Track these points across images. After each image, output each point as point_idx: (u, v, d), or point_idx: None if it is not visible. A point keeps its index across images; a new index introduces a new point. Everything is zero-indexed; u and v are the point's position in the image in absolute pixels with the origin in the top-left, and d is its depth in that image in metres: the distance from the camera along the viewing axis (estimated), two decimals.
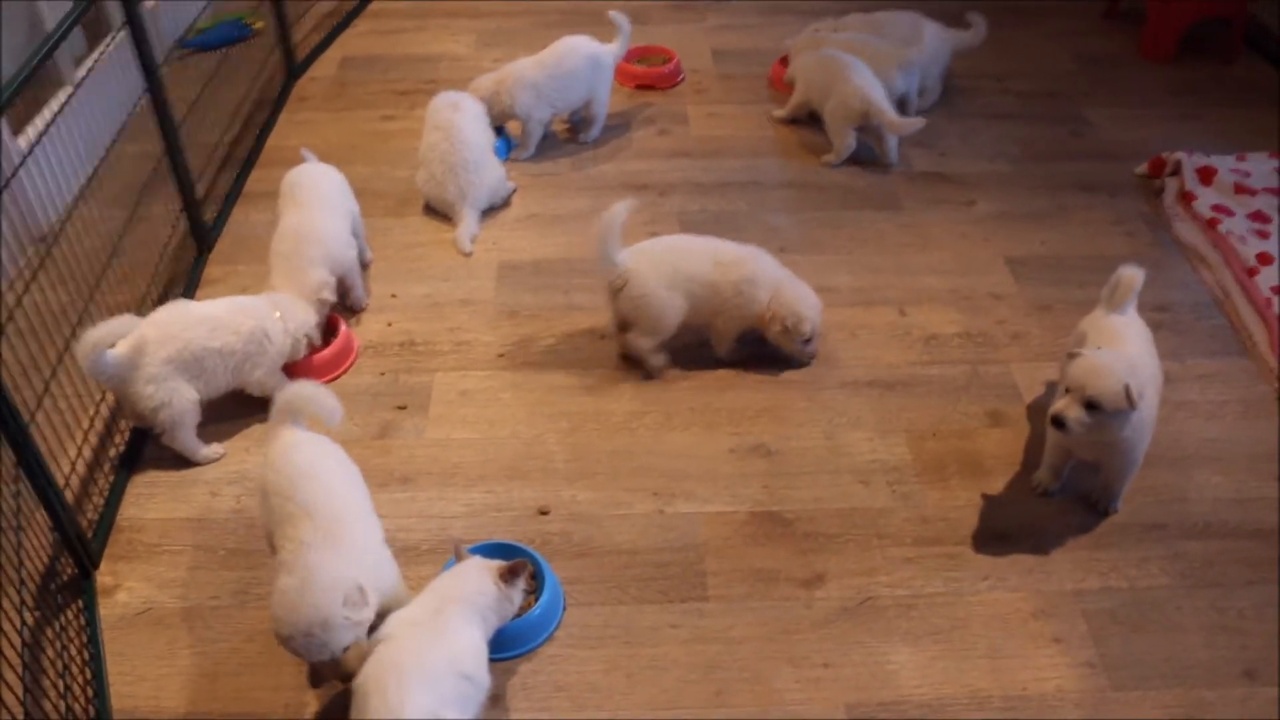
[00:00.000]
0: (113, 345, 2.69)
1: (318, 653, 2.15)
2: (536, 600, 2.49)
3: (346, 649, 2.17)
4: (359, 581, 2.19)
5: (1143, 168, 4.13)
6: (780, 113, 4.46)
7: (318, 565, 2.20)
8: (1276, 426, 3.04)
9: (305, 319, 3.06)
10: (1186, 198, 3.89)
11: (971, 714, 2.34)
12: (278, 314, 3.00)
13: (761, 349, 3.23)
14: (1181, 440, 2.99)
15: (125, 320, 2.69)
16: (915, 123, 4.08)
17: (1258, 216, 3.77)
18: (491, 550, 2.55)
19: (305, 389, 2.51)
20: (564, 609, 2.55)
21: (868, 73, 4.13)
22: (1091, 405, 2.47)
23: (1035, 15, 5.39)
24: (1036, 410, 3.06)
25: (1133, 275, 2.80)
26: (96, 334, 2.64)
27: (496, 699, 2.35)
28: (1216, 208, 3.81)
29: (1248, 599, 2.58)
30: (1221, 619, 2.54)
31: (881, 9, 4.69)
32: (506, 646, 2.44)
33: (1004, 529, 2.74)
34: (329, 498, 2.35)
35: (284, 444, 2.45)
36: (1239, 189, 3.89)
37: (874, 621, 2.52)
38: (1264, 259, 3.53)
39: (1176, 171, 4.00)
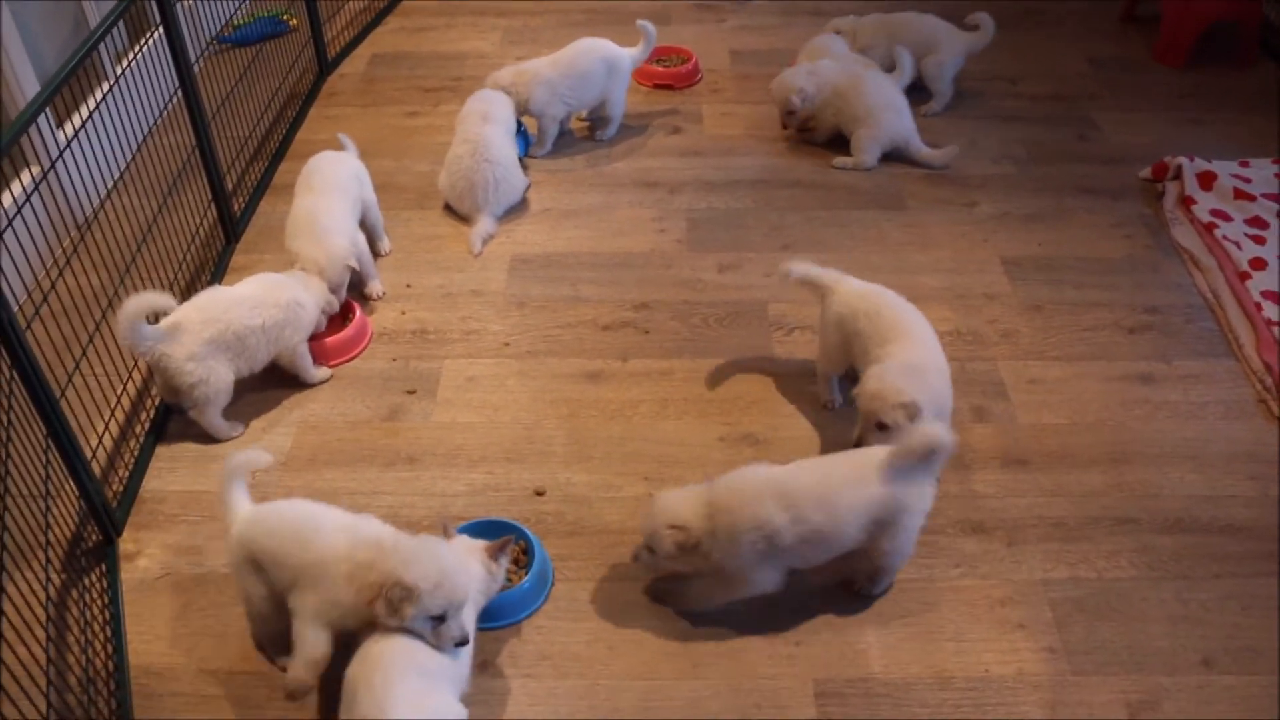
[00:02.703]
0: (148, 317, 2.85)
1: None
2: (527, 574, 2.63)
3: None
4: None
5: (1146, 172, 4.20)
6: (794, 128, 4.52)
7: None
8: (1255, 427, 3.11)
9: (321, 292, 3.25)
10: (1186, 202, 3.96)
11: (934, 693, 2.45)
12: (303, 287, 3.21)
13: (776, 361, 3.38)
14: (1160, 439, 3.08)
15: (160, 296, 2.85)
16: (948, 154, 4.20)
17: (1255, 222, 3.84)
18: (484, 527, 2.69)
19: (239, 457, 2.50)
20: (552, 584, 2.69)
21: (903, 103, 4.25)
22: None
23: (1052, 18, 5.45)
24: (1020, 406, 3.18)
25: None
26: (133, 305, 2.80)
27: (484, 665, 2.50)
28: (1215, 212, 3.88)
29: (1212, 592, 2.67)
30: (1184, 610, 2.63)
31: (899, 10, 4.77)
32: (497, 617, 2.58)
33: (980, 520, 2.84)
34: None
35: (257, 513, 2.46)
36: (1239, 194, 3.95)
37: (847, 604, 2.64)
38: (1257, 264, 3.60)
39: (1178, 176, 4.07)
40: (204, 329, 2.97)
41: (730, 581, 2.50)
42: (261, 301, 3.08)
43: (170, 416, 3.17)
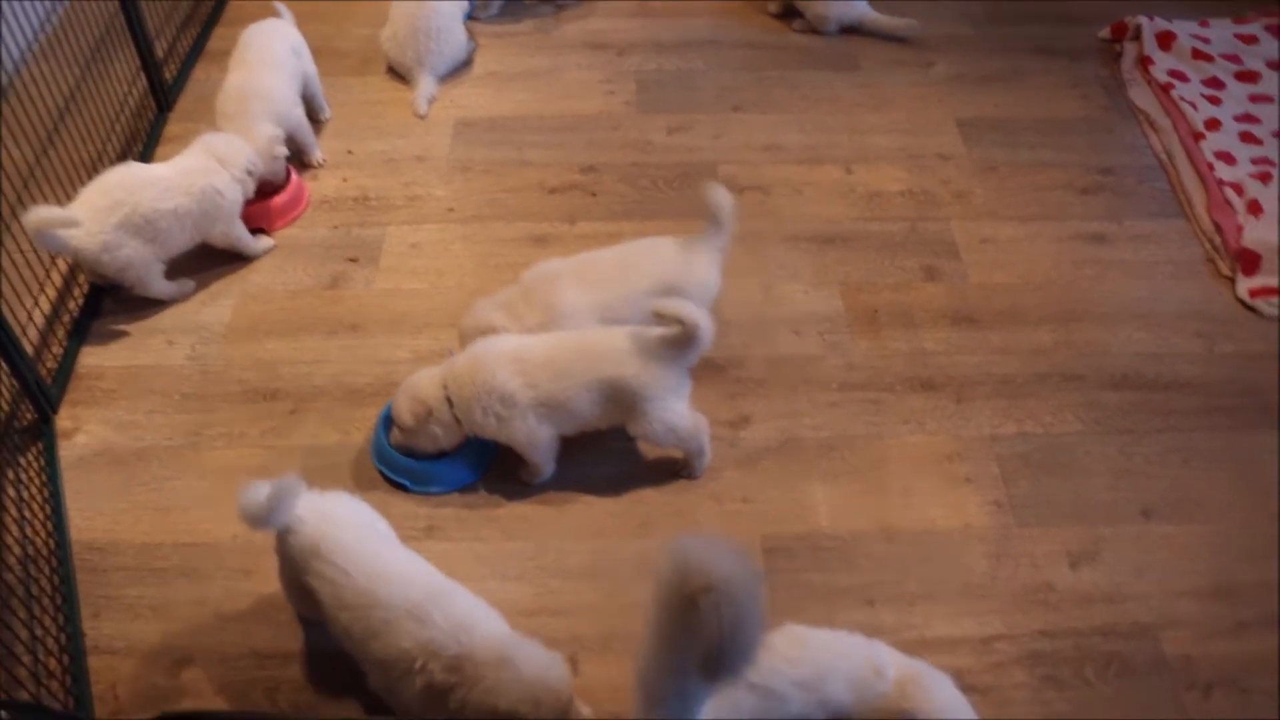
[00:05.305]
0: (54, 228, 2.70)
1: None
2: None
3: None
4: None
5: (1105, 32, 4.12)
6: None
7: None
8: (1203, 286, 3.12)
9: (244, 155, 3.07)
10: (1144, 62, 3.89)
11: (881, 546, 2.47)
12: (220, 166, 3.03)
13: None
14: (1109, 297, 3.07)
15: (61, 214, 2.72)
16: (910, 25, 4.08)
17: (1212, 82, 3.79)
18: None
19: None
20: (497, 447, 2.66)
21: None
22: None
23: None
24: (971, 265, 3.16)
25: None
26: (36, 220, 2.66)
27: (431, 529, 2.49)
28: (1172, 73, 3.82)
29: (1155, 445, 2.70)
30: (1128, 463, 2.66)
31: None
32: (442, 482, 2.58)
33: (929, 378, 2.84)
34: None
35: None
36: (1197, 54, 3.89)
37: (795, 461, 2.65)
38: (1212, 125, 3.56)
39: (1137, 36, 3.99)
40: (109, 214, 2.82)
41: (514, 445, 2.52)
42: (173, 186, 2.91)
43: (104, 292, 3.07)
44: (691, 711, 1.73)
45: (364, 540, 2.10)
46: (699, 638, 1.52)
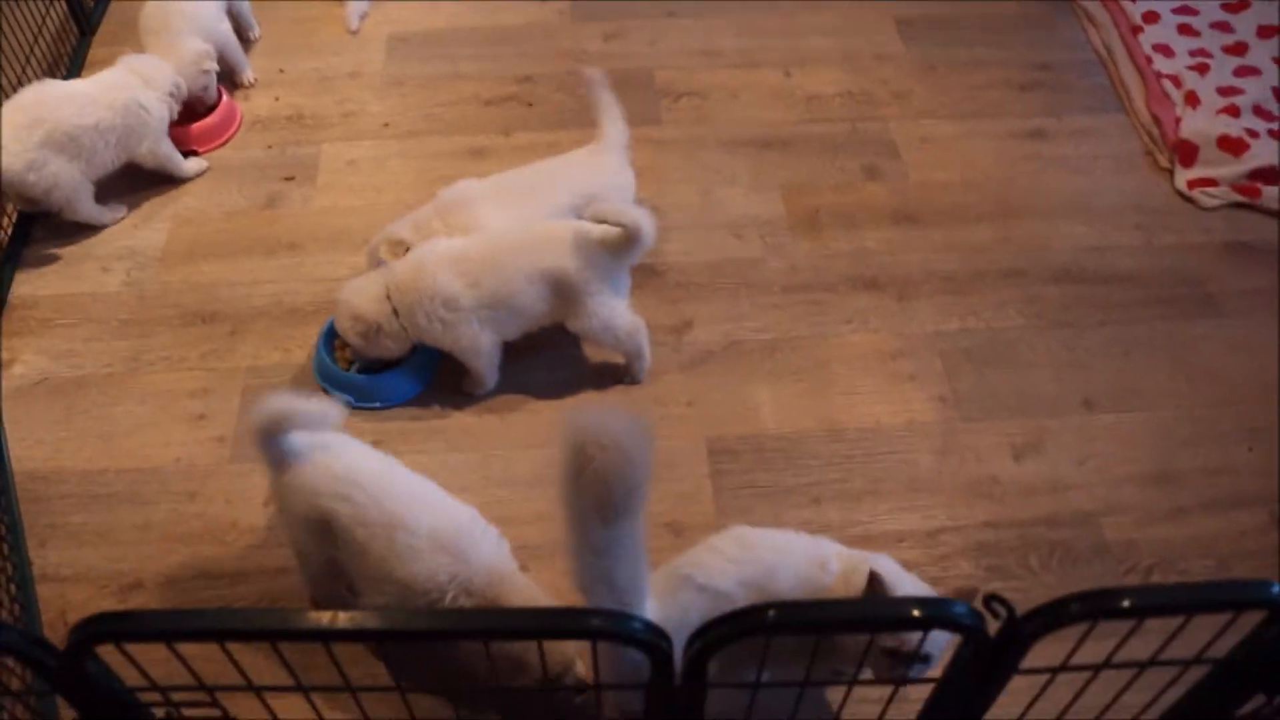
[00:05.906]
0: None
1: None
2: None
3: None
4: None
5: None
6: None
7: None
8: (1142, 179, 3.14)
9: (166, 76, 2.99)
10: None
11: (826, 445, 2.49)
12: (143, 83, 2.95)
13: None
14: (1049, 192, 3.08)
15: None
16: None
17: None
18: None
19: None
20: (439, 359, 2.64)
21: None
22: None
23: None
24: (911, 164, 3.15)
25: None
26: None
27: (377, 444, 2.42)
28: None
29: (1096, 338, 2.73)
30: (1070, 356, 2.69)
31: None
32: (385, 397, 2.56)
33: (871, 277, 2.85)
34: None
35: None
36: None
37: (738, 364, 2.65)
38: (1150, 17, 3.55)
39: None
40: (30, 132, 2.74)
41: (458, 352, 2.51)
42: (94, 101, 2.83)
43: (34, 221, 3.00)
44: (626, 598, 1.73)
45: (379, 463, 2.10)
46: (593, 485, 1.52)
